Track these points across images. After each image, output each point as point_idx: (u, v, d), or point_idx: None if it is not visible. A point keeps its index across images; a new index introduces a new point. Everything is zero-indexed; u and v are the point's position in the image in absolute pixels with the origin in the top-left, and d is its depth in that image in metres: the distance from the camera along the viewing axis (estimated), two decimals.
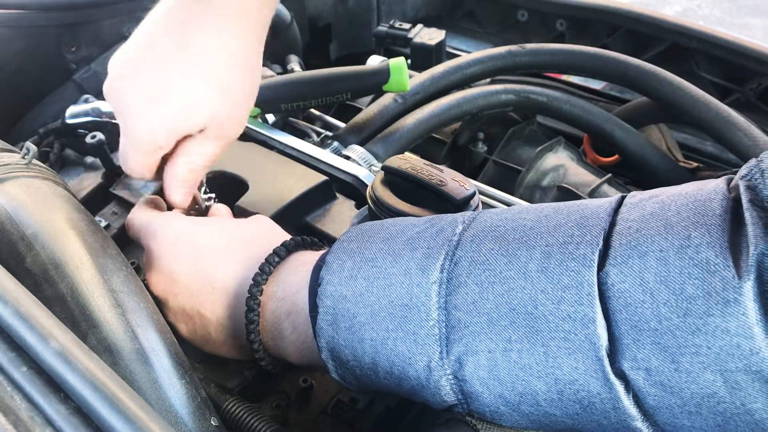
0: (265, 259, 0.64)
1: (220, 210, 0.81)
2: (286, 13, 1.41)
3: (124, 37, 1.28)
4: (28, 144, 0.72)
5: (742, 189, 0.46)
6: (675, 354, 0.44)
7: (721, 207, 0.46)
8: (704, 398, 0.45)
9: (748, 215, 0.44)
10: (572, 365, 0.47)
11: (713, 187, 0.48)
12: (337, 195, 0.92)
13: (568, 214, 0.52)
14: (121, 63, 0.68)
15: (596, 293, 0.46)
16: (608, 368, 0.46)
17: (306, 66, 1.37)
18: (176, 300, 0.67)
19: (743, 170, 0.48)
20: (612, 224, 0.49)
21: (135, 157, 0.70)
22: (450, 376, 0.51)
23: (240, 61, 0.68)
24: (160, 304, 0.67)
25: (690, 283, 0.44)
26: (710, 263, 0.44)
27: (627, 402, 0.47)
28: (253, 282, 0.63)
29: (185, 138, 0.70)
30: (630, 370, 0.46)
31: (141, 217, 0.75)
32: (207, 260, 0.67)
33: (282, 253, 0.65)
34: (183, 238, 0.69)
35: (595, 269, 0.47)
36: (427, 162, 0.80)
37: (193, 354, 0.80)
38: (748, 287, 0.42)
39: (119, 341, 0.56)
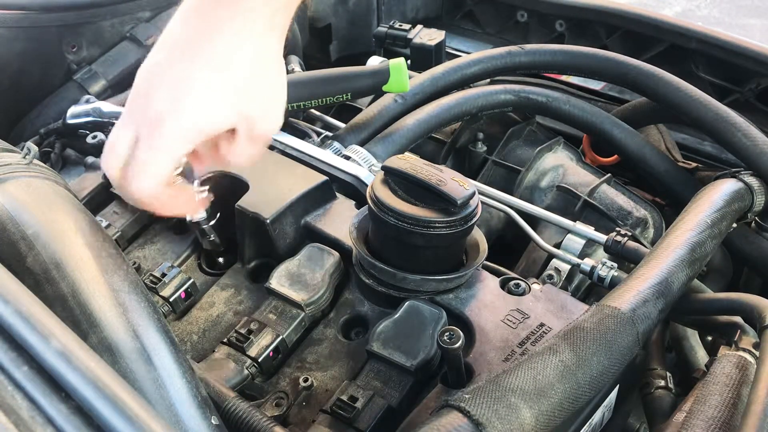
0: None
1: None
2: None
3: (125, 38, 1.29)
4: (29, 144, 0.72)
5: None
6: None
7: None
8: None
9: None
10: None
11: None
12: (337, 195, 0.92)
13: None
14: (146, 70, 0.68)
15: None
16: None
17: (306, 66, 1.37)
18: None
19: None
20: None
21: (156, 167, 0.66)
22: None
23: (262, 61, 0.68)
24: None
25: None
26: None
27: None
28: None
29: (219, 143, 0.70)
30: None
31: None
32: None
33: None
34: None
35: None
36: (427, 162, 0.80)
37: (193, 353, 0.81)
38: None
39: (120, 340, 0.57)
